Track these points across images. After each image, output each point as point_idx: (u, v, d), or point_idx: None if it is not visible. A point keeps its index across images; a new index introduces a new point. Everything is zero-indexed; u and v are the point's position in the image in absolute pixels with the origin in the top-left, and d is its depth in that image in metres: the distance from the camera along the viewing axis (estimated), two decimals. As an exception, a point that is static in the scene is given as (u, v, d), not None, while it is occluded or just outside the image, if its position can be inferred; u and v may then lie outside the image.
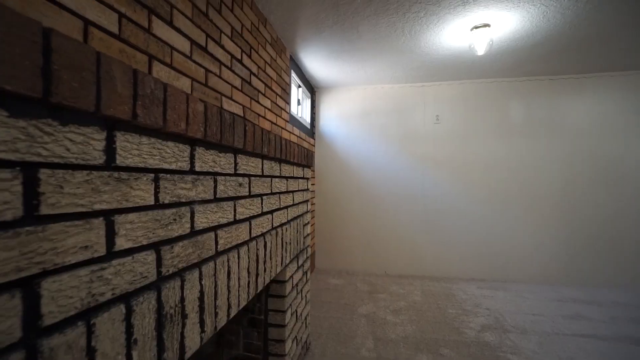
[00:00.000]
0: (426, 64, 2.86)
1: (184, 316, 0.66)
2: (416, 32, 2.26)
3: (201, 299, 0.72)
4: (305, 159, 1.68)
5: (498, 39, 2.35)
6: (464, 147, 3.37)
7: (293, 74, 2.73)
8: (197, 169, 0.71)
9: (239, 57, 1.58)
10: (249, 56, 1.70)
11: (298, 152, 1.52)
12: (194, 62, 1.21)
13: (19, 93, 0.34)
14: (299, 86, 3.05)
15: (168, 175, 0.61)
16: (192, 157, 0.69)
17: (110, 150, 0.48)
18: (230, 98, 1.50)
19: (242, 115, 1.64)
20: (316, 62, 2.78)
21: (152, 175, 0.57)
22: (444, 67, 2.94)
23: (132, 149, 0.52)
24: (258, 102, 1.82)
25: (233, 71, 1.52)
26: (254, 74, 1.76)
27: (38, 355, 0.37)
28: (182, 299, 0.65)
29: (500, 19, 2.09)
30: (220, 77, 1.40)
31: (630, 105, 3.09)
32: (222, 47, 1.41)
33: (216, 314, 0.79)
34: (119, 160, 0.49)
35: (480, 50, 2.27)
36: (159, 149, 0.59)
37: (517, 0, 1.89)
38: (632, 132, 3.09)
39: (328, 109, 3.61)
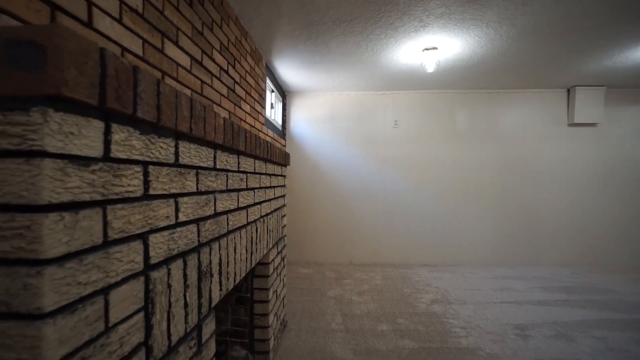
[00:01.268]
0: (386, 75, 3.25)
1: (212, 275, 0.89)
2: (378, 50, 2.61)
3: (220, 264, 0.96)
4: (284, 159, 1.94)
5: (444, 59, 2.79)
6: (419, 149, 3.83)
7: (268, 80, 2.95)
8: (217, 166, 0.95)
9: (226, 69, 1.79)
10: (234, 67, 1.91)
11: (279, 153, 1.77)
12: (193, 75, 1.41)
13: (143, 119, 0.57)
14: (272, 91, 3.27)
15: (203, 171, 0.85)
16: (215, 158, 0.93)
17: (177, 153, 0.71)
18: (220, 105, 1.71)
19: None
20: (289, 70, 3.03)
21: (195, 170, 0.80)
22: (401, 79, 3.35)
23: (186, 152, 0.75)
24: (240, 107, 2.04)
25: (221, 81, 1.72)
26: (237, 83, 1.98)
27: (150, 283, 0.60)
28: (210, 262, 0.89)
29: (446, 44, 2.51)
30: (212, 86, 1.60)
31: (547, 116, 3.77)
32: (213, 60, 1.62)
33: (227, 278, 1.03)
34: (181, 160, 0.72)
35: (430, 68, 2.69)
36: (198, 152, 0.82)
37: (458, 30, 2.31)
38: (547, 137, 3.76)
39: (298, 112, 3.88)
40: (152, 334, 0.61)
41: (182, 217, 0.73)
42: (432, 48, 2.57)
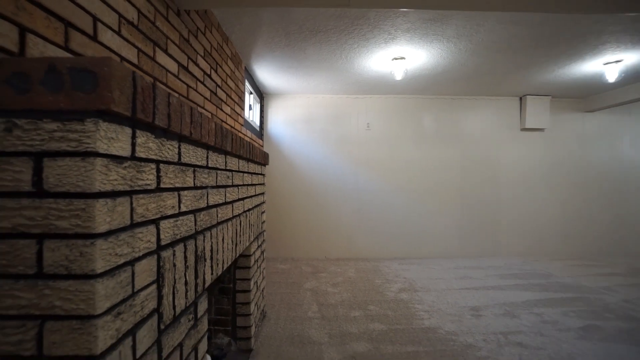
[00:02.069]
0: (359, 81, 3.46)
1: (205, 259, 1.02)
2: (351, 57, 2.81)
3: (211, 251, 1.09)
4: (264, 159, 2.07)
5: (412, 68, 3.04)
6: (390, 150, 4.09)
7: (246, 83, 3.05)
8: (210, 165, 1.08)
9: (209, 73, 1.89)
10: (216, 71, 2.02)
11: (259, 153, 1.90)
12: (180, 80, 1.52)
13: (158, 125, 0.70)
14: (251, 93, 3.37)
15: (198, 169, 0.97)
16: (207, 157, 1.05)
17: (179, 153, 0.84)
18: (203, 107, 1.81)
19: (209, 120, 1.95)
20: (267, 73, 3.15)
21: (192, 168, 0.93)
22: (373, 84, 3.58)
23: (186, 153, 0.88)
24: (221, 109, 2.15)
25: (205, 85, 1.83)
26: (219, 86, 2.08)
27: (161, 260, 0.73)
28: (204, 248, 1.02)
29: (412, 54, 2.76)
30: (196, 90, 1.71)
31: (502, 121, 4.17)
32: (198, 65, 1.72)
33: (217, 264, 1.16)
34: (182, 159, 0.85)
35: (398, 76, 2.93)
36: (195, 152, 0.95)
37: (423, 43, 2.55)
38: (503, 140, 4.17)
39: (276, 113, 4.00)
40: (162, 303, 0.74)
41: (183, 208, 0.86)
42: (400, 58, 2.81)
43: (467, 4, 1.55)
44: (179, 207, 0.84)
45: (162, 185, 0.74)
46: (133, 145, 0.62)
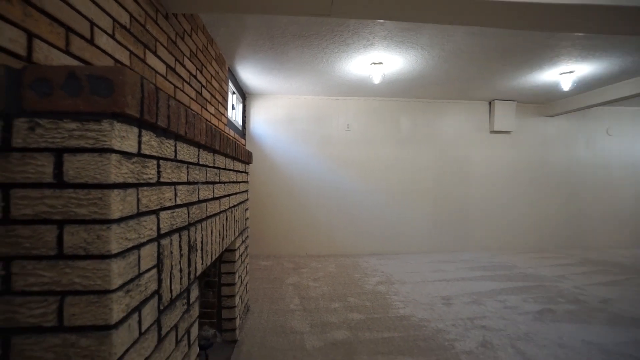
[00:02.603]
0: (340, 83, 3.59)
1: (196, 249, 1.10)
2: (332, 61, 2.93)
3: (202, 242, 1.16)
4: (247, 157, 2.15)
5: (389, 72, 3.20)
6: (369, 150, 4.25)
7: (230, 83, 3.10)
8: (200, 162, 1.15)
9: (195, 74, 1.95)
10: (201, 72, 2.07)
11: (244, 151, 1.98)
12: (168, 80, 1.57)
13: (159, 126, 0.78)
14: (234, 93, 3.42)
15: (191, 165, 1.05)
16: (198, 155, 1.13)
17: (175, 151, 0.91)
18: (189, 107, 1.87)
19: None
20: (250, 74, 3.22)
21: (186, 165, 1.01)
22: (353, 87, 3.72)
23: (181, 150, 0.96)
24: (206, 109, 2.20)
25: (191, 85, 1.88)
26: (204, 86, 2.14)
27: (160, 247, 0.81)
28: (196, 239, 1.09)
29: (390, 60, 2.92)
30: (183, 91, 1.76)
31: (473, 124, 4.45)
32: (184, 67, 1.78)
33: (206, 254, 1.23)
34: (178, 156, 0.93)
35: (376, 80, 3.08)
36: (188, 150, 1.02)
37: (399, 50, 2.71)
38: (474, 142, 4.45)
39: (258, 113, 4.06)
40: (161, 286, 0.82)
41: (178, 201, 0.94)
42: (378, 63, 2.96)
43: (437, 18, 1.71)
44: (175, 200, 0.92)
45: (161, 180, 0.82)
46: (139, 143, 0.70)
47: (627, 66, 2.99)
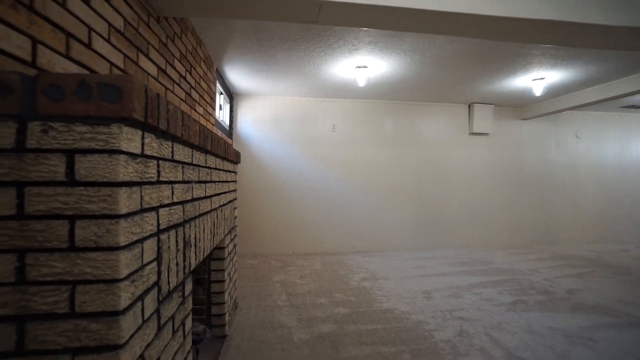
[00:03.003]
0: (326, 86, 3.68)
1: (191, 245, 1.16)
2: (318, 64, 3.01)
3: (195, 238, 1.22)
4: (236, 157, 2.20)
5: (373, 76, 3.32)
6: (354, 151, 4.36)
7: (217, 84, 3.12)
8: (194, 162, 1.21)
9: (184, 75, 1.98)
10: (190, 73, 2.11)
11: (233, 152, 2.03)
12: (159, 82, 1.61)
13: (160, 128, 0.84)
14: (221, 93, 3.44)
15: (186, 165, 1.11)
16: (192, 155, 1.19)
17: (172, 151, 0.97)
18: (179, 108, 1.90)
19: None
20: (238, 75, 3.25)
21: (181, 165, 1.06)
22: (338, 89, 3.82)
23: (177, 151, 1.02)
24: (195, 110, 2.23)
25: (181, 87, 1.92)
26: (193, 88, 2.17)
27: (160, 242, 0.87)
28: (190, 236, 1.15)
29: (374, 64, 3.03)
30: (173, 92, 1.80)
31: (453, 126, 4.64)
32: (174, 68, 1.81)
33: (199, 250, 1.29)
34: (175, 157, 0.99)
35: (361, 83, 3.19)
36: (183, 150, 1.08)
37: (383, 55, 2.83)
38: (454, 143, 4.64)
39: (245, 113, 4.09)
40: (161, 278, 0.88)
41: (175, 199, 1.00)
42: (363, 66, 3.07)
43: (417, 28, 1.82)
44: (172, 198, 0.97)
45: (160, 179, 0.88)
46: (142, 144, 0.76)
47: (591, 74, 3.22)
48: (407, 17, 1.68)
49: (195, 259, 1.23)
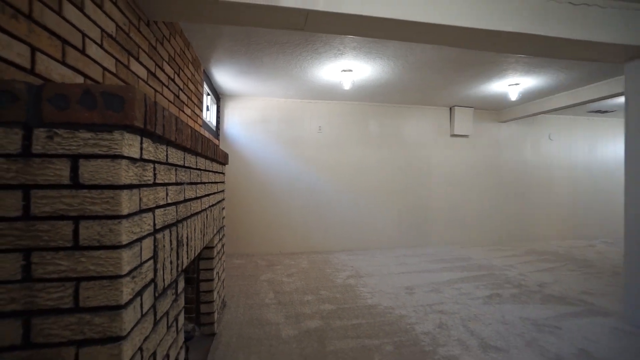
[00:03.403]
0: (312, 88, 3.75)
1: (183, 244, 1.20)
2: (305, 67, 3.08)
3: (187, 238, 1.26)
4: (224, 159, 2.24)
5: (359, 79, 3.42)
6: (339, 152, 4.45)
7: (205, 85, 3.14)
8: (186, 164, 1.25)
9: (173, 78, 2.01)
10: (179, 75, 2.13)
11: (221, 153, 2.07)
12: (149, 85, 1.63)
13: (156, 133, 0.89)
14: (208, 94, 3.45)
15: (179, 168, 1.15)
16: (184, 158, 1.23)
17: (167, 155, 1.02)
18: (168, 110, 1.93)
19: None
20: (225, 76, 3.27)
21: (175, 167, 1.11)
22: (325, 91, 3.90)
23: (171, 155, 1.06)
24: (183, 111, 2.26)
25: (169, 89, 1.94)
26: (181, 89, 2.20)
27: (156, 241, 0.92)
28: (182, 235, 1.19)
29: (359, 68, 3.12)
30: (162, 95, 1.82)
31: (436, 128, 4.81)
32: (163, 71, 1.84)
33: (191, 249, 1.33)
34: (169, 160, 1.03)
35: (346, 86, 3.28)
36: (176, 153, 1.13)
37: (368, 59, 2.92)
38: (436, 144, 4.81)
39: (232, 114, 4.10)
40: (157, 275, 0.93)
41: (169, 200, 1.04)
42: (348, 70, 3.16)
43: (399, 37, 1.92)
44: (167, 199, 1.02)
45: (156, 181, 0.92)
46: (141, 149, 0.81)
47: (561, 81, 3.44)
48: (389, 27, 1.78)
49: (187, 258, 1.27)
